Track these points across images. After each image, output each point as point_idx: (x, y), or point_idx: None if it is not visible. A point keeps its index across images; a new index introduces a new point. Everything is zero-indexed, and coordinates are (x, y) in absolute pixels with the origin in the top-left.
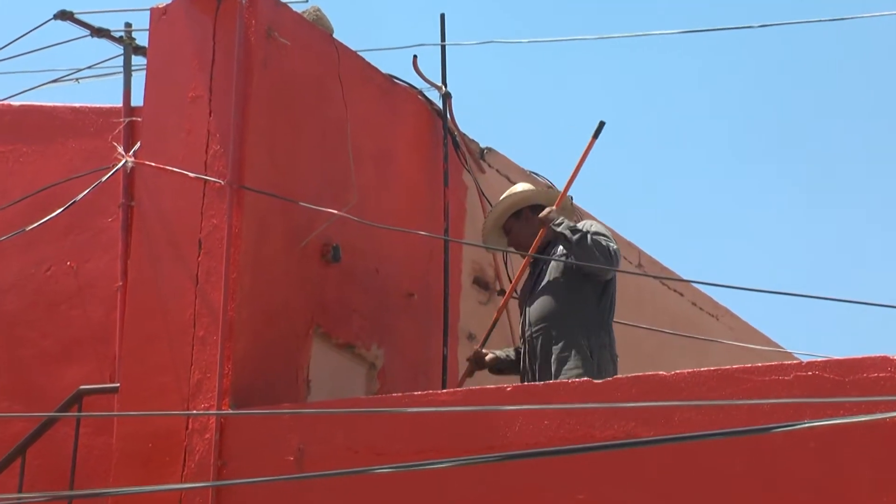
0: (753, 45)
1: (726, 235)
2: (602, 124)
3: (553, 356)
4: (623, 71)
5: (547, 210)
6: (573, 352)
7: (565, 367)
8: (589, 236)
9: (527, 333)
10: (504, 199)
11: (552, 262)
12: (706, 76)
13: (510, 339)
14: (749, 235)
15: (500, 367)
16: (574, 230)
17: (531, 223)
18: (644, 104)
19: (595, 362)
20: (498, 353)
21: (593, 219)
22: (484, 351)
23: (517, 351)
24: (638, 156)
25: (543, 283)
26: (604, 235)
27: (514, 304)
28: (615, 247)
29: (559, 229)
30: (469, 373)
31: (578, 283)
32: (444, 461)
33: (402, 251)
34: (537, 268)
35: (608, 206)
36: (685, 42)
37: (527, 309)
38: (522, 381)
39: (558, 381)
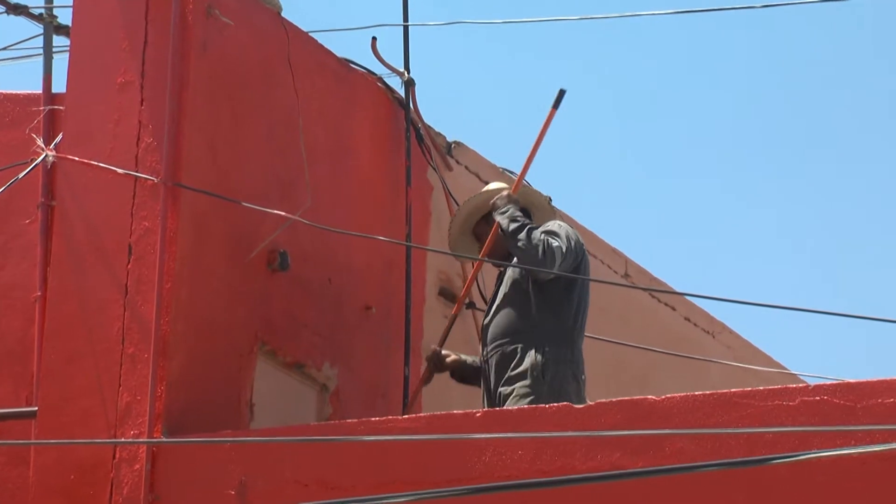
0: (757, 26)
1: (725, 243)
2: (562, 92)
3: (503, 378)
4: (610, 56)
5: (497, 197)
6: (522, 371)
7: (513, 393)
8: (527, 229)
9: (484, 354)
10: (473, 198)
11: (508, 272)
12: (705, 62)
13: (479, 351)
14: (750, 243)
15: (463, 373)
16: (514, 220)
17: None
18: (634, 93)
19: (546, 382)
20: (464, 356)
21: (569, 219)
22: (444, 352)
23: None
24: (625, 152)
25: (500, 296)
26: (554, 234)
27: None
28: (559, 244)
29: (499, 218)
30: (427, 378)
31: (535, 291)
32: (405, 494)
33: (359, 259)
34: (499, 280)
35: (591, 208)
36: (679, 23)
37: (483, 327)
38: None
39: (535, 406)
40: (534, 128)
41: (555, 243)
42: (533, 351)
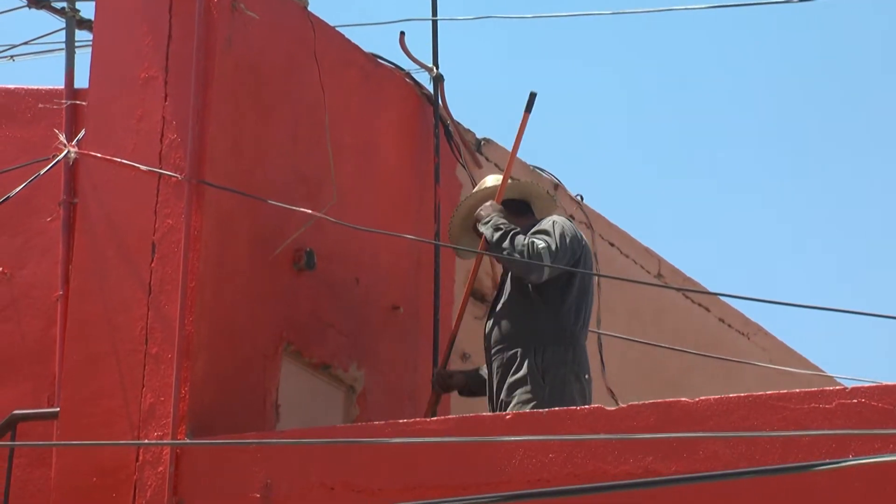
0: (797, 20)
1: (760, 242)
2: (533, 95)
3: (506, 383)
4: (642, 51)
5: (480, 207)
6: (521, 377)
7: (514, 401)
8: (510, 236)
9: (487, 358)
10: (472, 195)
11: (511, 275)
12: (739, 58)
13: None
14: (785, 243)
15: (473, 388)
16: (497, 228)
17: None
18: (666, 90)
19: (547, 385)
20: (470, 369)
21: (601, 218)
22: (448, 371)
23: None
24: (658, 151)
25: (501, 299)
26: (544, 234)
27: None
28: (546, 245)
29: (483, 228)
30: (434, 403)
31: (534, 291)
32: (434, 502)
33: (386, 258)
34: (501, 282)
35: (625, 207)
36: (714, 19)
37: (486, 331)
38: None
39: (567, 408)
40: (567, 125)
41: (540, 244)
42: (532, 355)
